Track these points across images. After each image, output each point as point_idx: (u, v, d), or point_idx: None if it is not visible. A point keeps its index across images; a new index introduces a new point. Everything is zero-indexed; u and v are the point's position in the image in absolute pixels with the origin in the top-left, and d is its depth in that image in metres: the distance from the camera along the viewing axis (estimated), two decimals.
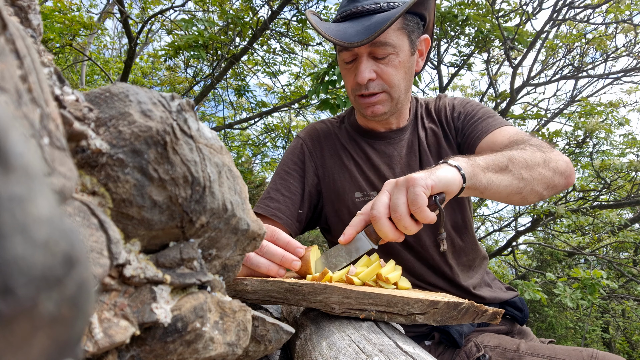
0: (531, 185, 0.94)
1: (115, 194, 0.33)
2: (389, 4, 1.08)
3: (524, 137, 1.06)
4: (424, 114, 1.29)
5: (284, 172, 1.25)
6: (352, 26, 1.07)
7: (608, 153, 4.84)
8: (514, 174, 0.91)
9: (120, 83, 0.36)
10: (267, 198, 1.21)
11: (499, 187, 0.90)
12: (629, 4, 3.70)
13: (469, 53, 4.31)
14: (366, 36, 1.01)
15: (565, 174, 1.01)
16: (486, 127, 1.14)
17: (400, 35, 1.10)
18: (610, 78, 4.57)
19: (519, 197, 0.95)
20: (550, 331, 5.44)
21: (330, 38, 1.05)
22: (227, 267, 0.47)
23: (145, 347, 0.34)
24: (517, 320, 1.21)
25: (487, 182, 0.87)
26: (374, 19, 1.05)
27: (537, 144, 1.01)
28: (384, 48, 1.08)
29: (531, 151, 0.96)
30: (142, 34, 5.79)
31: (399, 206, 0.77)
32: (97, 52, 7.53)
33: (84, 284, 0.18)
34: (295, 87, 5.16)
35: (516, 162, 0.92)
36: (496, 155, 0.92)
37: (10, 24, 0.22)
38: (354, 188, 1.21)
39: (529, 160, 0.93)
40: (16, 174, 0.15)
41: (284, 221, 1.17)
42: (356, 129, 1.29)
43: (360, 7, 1.08)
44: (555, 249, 5.14)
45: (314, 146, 1.28)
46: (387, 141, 1.25)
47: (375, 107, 1.14)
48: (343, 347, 0.55)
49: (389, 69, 1.10)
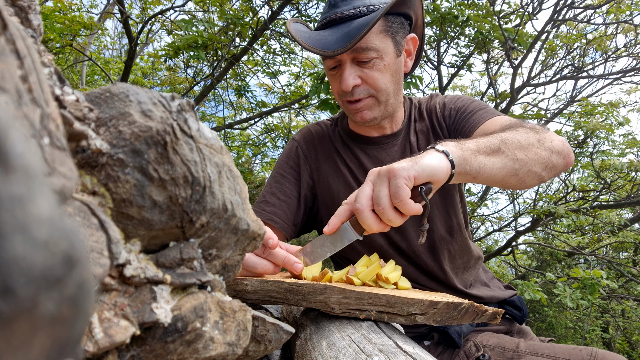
0: (528, 166, 0.89)
1: (116, 194, 0.33)
2: (369, 8, 1.05)
3: (516, 122, 1.01)
4: (416, 116, 1.27)
5: (280, 176, 1.24)
6: (332, 33, 1.06)
7: (608, 153, 4.84)
8: (507, 155, 0.86)
9: (121, 83, 0.36)
10: (263, 202, 1.21)
11: (492, 170, 0.85)
12: (629, 4, 3.70)
13: (469, 54, 4.31)
14: (345, 43, 1.00)
15: (563, 153, 0.97)
16: (477, 120, 1.11)
17: (383, 37, 1.07)
18: (610, 78, 4.56)
19: (515, 179, 0.90)
20: (550, 331, 5.44)
21: (309, 48, 1.03)
22: (227, 267, 0.47)
23: (145, 347, 0.34)
24: (516, 319, 1.21)
25: (479, 165, 0.83)
26: (353, 25, 1.03)
27: (530, 126, 0.97)
28: (366, 53, 1.05)
29: (524, 132, 0.92)
30: (143, 34, 5.79)
31: (381, 199, 0.74)
32: (98, 52, 7.53)
33: (84, 284, 0.18)
34: (295, 87, 5.15)
35: (509, 143, 0.87)
36: (487, 138, 0.88)
37: (11, 24, 0.22)
38: (348, 192, 1.19)
39: (522, 140, 0.89)
40: (16, 174, 0.15)
41: (280, 225, 1.17)
42: (348, 134, 1.28)
43: (339, 14, 1.06)
44: (555, 249, 5.14)
45: (308, 149, 1.27)
46: (380, 146, 1.23)
47: (364, 112, 1.12)
48: (343, 347, 0.55)
49: (374, 73, 1.08)
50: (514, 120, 1.04)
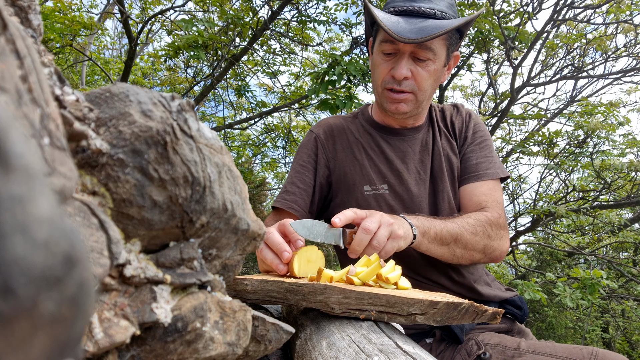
0: (458, 260, 1.12)
1: (116, 194, 0.33)
2: (443, 13, 1.14)
3: (491, 205, 1.19)
4: (439, 119, 1.34)
5: (299, 166, 1.30)
6: (405, 22, 1.12)
7: (608, 153, 4.84)
8: (450, 249, 1.08)
9: (121, 83, 0.36)
10: (284, 192, 1.27)
11: (433, 254, 1.08)
12: (629, 4, 3.70)
13: (469, 53, 4.31)
14: (420, 36, 1.07)
15: (493, 259, 1.17)
16: (476, 174, 1.24)
17: (442, 45, 1.16)
18: (610, 78, 4.57)
19: (444, 260, 1.12)
20: (550, 331, 5.44)
21: (386, 28, 1.09)
22: (227, 267, 0.47)
23: (145, 346, 0.34)
24: (516, 318, 1.21)
25: (426, 249, 1.05)
26: (428, 23, 1.10)
27: (494, 226, 1.14)
28: (426, 52, 1.13)
29: (479, 237, 1.11)
30: (142, 34, 5.79)
31: (380, 239, 0.91)
32: (98, 52, 7.53)
33: (85, 284, 0.18)
34: (295, 87, 5.15)
35: (459, 242, 1.08)
36: (449, 229, 1.06)
37: (11, 24, 0.22)
38: (363, 181, 1.25)
39: (469, 244, 1.09)
40: (16, 174, 0.15)
41: (299, 213, 1.23)
42: (371, 123, 1.33)
43: (417, 8, 1.14)
44: (555, 249, 5.14)
45: (326, 139, 1.33)
46: (402, 137, 1.29)
47: (400, 104, 1.19)
48: (343, 347, 0.55)
49: (424, 73, 1.15)
50: (495, 195, 1.21)
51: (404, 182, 1.23)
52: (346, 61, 2.94)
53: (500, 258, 1.18)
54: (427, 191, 1.24)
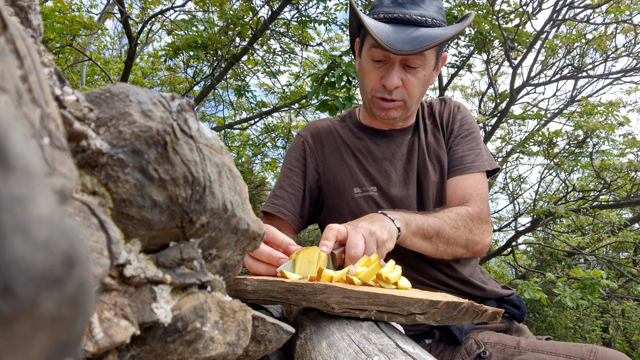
0: (441, 255, 1.11)
1: (116, 194, 0.33)
2: (433, 20, 1.12)
3: (474, 199, 1.17)
4: (426, 115, 1.33)
5: (287, 170, 1.29)
6: (396, 31, 1.10)
7: (608, 153, 4.83)
8: (433, 243, 1.07)
9: (121, 83, 0.36)
10: (273, 196, 1.26)
11: (417, 249, 1.07)
12: (629, 4, 3.70)
13: (469, 53, 4.30)
14: (411, 47, 1.05)
15: (476, 253, 1.17)
16: (462, 167, 1.23)
17: (433, 51, 1.15)
18: (610, 78, 4.56)
19: (427, 255, 1.12)
20: (550, 331, 5.44)
21: (377, 39, 1.06)
22: (227, 267, 0.47)
23: (145, 346, 0.34)
24: (515, 317, 1.21)
25: (410, 243, 1.05)
26: (420, 32, 1.09)
27: (476, 220, 1.13)
28: (417, 60, 1.12)
29: (461, 231, 1.10)
30: (142, 34, 5.79)
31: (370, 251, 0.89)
32: (98, 52, 7.53)
33: (85, 284, 0.18)
34: (295, 87, 5.15)
35: (441, 236, 1.07)
36: (430, 224, 1.06)
37: (11, 24, 0.22)
38: (353, 184, 1.24)
39: (451, 239, 1.09)
40: (16, 174, 0.15)
41: (289, 218, 1.21)
42: (359, 126, 1.32)
43: (408, 16, 1.11)
44: (555, 249, 5.14)
45: (314, 143, 1.31)
46: (390, 139, 1.28)
47: (390, 111, 1.18)
48: (343, 347, 0.55)
49: (414, 80, 1.14)
50: (480, 190, 1.20)
51: (392, 184, 1.23)
52: (346, 62, 2.94)
53: (482, 252, 1.18)
54: (415, 191, 1.24)
